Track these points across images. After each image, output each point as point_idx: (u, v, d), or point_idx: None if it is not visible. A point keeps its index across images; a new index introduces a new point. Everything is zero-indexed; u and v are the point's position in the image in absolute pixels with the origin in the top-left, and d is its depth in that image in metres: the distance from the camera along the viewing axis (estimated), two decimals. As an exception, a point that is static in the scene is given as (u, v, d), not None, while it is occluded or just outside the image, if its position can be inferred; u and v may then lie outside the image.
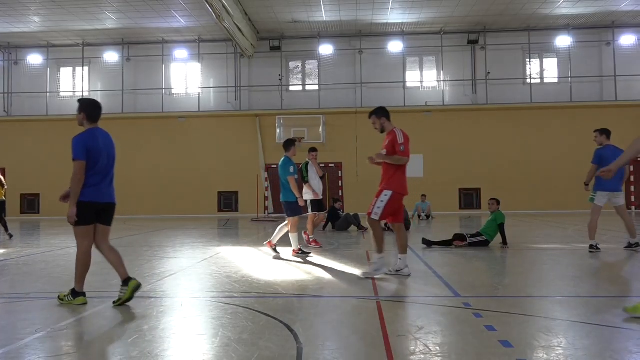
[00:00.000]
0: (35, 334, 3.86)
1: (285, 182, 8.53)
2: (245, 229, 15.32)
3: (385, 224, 13.46)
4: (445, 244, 9.28)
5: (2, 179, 12.85)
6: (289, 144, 8.79)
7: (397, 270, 6.20)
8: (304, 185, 9.79)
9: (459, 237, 9.25)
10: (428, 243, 9.34)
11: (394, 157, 6.29)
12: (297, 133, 21.96)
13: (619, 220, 8.60)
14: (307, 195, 9.69)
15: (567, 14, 21.21)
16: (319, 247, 9.25)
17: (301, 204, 8.55)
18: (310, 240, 9.48)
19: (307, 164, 10.06)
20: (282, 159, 8.66)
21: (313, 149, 10.29)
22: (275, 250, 8.43)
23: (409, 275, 6.15)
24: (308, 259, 7.98)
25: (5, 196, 12.79)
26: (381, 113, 6.55)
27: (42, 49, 24.06)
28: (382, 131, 6.55)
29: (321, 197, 10.03)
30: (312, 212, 9.77)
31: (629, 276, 6.40)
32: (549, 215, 19.07)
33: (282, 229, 8.51)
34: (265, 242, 8.61)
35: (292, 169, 8.50)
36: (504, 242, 8.98)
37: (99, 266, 7.58)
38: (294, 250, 8.40)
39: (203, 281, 6.20)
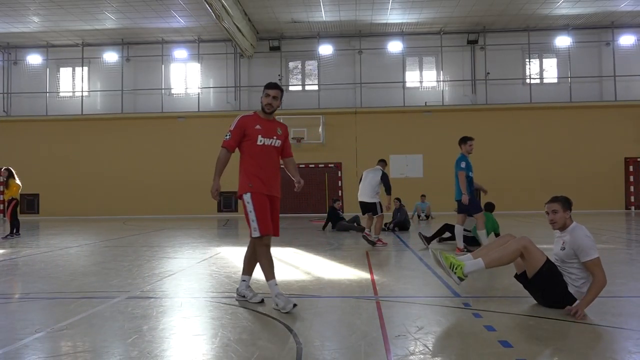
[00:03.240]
0: (34, 334, 3.86)
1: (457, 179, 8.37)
2: (245, 229, 15.25)
3: (386, 225, 13.38)
4: (439, 234, 9.67)
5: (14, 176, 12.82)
6: (461, 140, 8.56)
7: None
8: (374, 194, 9.64)
9: (448, 228, 9.67)
10: (424, 239, 9.45)
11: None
12: (297, 133, 21.98)
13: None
14: (377, 198, 9.71)
15: (566, 14, 21.23)
16: (385, 245, 9.39)
17: (464, 201, 8.11)
18: (376, 240, 9.51)
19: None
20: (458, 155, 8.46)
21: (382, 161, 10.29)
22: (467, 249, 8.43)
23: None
24: (306, 259, 7.98)
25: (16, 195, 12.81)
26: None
27: (41, 49, 24.06)
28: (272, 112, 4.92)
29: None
30: (382, 213, 9.70)
31: (628, 276, 6.39)
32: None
33: (458, 229, 8.51)
34: (455, 254, 8.49)
35: (462, 164, 8.24)
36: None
37: (99, 266, 7.60)
38: (458, 249, 8.40)
39: (203, 281, 6.20)
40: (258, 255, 4.68)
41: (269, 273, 4.61)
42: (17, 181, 12.84)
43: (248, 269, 5.00)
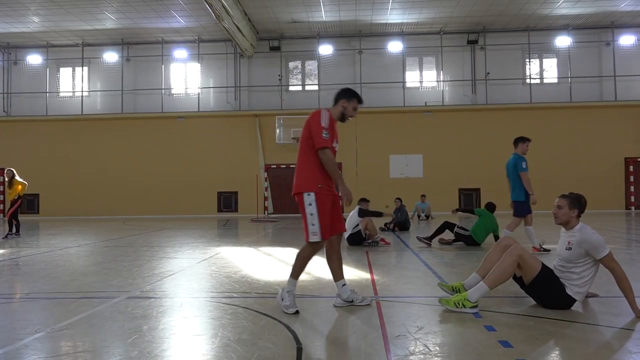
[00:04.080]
0: (34, 334, 3.86)
1: (515, 180, 8.25)
2: (245, 229, 15.32)
3: (386, 224, 13.47)
4: (439, 232, 9.71)
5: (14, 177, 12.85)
6: (519, 140, 8.53)
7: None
8: (355, 226, 9.71)
9: (448, 226, 9.74)
10: (424, 241, 9.46)
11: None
12: (297, 133, 21.96)
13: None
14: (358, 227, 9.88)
15: (566, 14, 21.23)
16: (388, 245, 9.68)
17: (533, 201, 8.06)
18: (379, 239, 9.69)
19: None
20: (512, 156, 8.41)
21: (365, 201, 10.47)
22: (543, 249, 8.35)
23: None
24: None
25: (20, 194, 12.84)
26: None
27: (41, 49, 24.06)
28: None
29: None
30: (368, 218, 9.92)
31: (629, 276, 6.39)
32: (549, 215, 19.07)
33: (529, 230, 8.43)
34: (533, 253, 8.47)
35: (524, 165, 8.21)
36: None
37: (99, 266, 7.60)
38: (535, 248, 8.37)
39: (203, 281, 6.20)
40: (302, 254, 4.57)
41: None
42: (21, 179, 12.92)
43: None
